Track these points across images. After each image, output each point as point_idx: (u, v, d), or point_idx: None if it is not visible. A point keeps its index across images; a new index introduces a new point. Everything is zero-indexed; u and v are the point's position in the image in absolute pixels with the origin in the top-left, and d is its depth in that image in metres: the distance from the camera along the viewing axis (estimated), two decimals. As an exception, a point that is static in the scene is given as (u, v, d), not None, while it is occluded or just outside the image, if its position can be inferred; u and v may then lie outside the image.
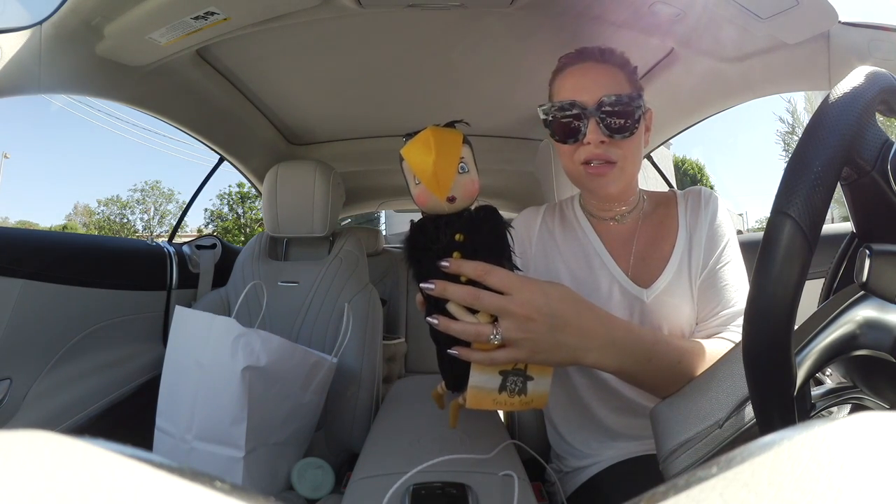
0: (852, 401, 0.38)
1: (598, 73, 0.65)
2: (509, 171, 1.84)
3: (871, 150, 0.30)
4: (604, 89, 0.63)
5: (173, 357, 0.88)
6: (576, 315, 0.50)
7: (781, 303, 0.27)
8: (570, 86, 0.67)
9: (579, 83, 0.66)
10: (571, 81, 0.67)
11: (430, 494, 0.48)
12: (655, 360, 0.53)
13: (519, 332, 0.47)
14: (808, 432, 0.12)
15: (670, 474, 0.41)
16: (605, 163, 0.65)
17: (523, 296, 0.46)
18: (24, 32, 0.76)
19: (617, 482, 0.67)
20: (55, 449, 0.12)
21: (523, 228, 0.79)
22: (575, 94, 0.65)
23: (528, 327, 0.47)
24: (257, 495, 0.12)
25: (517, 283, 0.47)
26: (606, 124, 0.63)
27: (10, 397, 0.83)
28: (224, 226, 21.29)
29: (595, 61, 0.66)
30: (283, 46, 1.04)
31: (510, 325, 0.46)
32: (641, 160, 0.71)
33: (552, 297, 0.48)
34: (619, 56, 0.67)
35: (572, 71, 0.68)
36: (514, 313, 0.46)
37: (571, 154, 0.67)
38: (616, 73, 0.66)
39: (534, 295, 0.47)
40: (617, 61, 0.67)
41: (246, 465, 0.80)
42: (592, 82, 0.65)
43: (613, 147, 0.64)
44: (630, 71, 0.67)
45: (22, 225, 21.92)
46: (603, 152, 0.64)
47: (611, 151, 0.64)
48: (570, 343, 0.49)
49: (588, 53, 0.67)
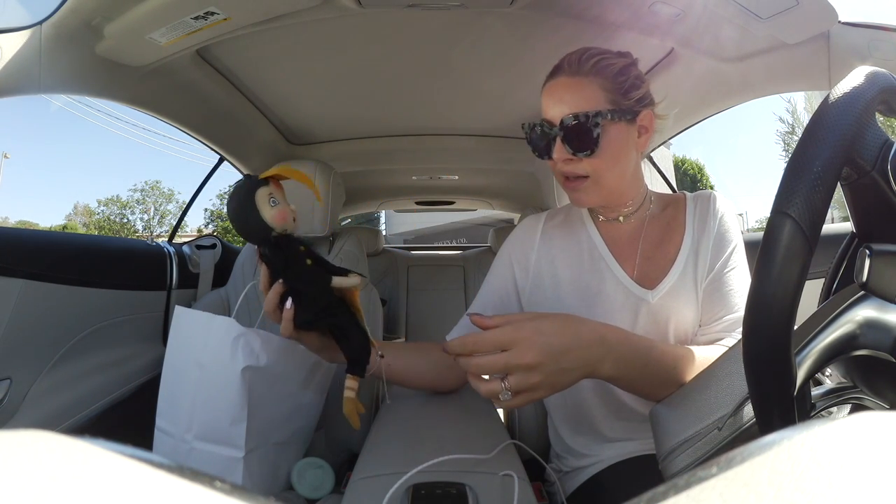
0: (852, 401, 0.38)
1: (566, 89, 0.65)
2: (509, 171, 1.84)
3: (871, 150, 0.30)
4: (568, 107, 0.63)
5: (173, 357, 0.88)
6: (575, 339, 0.51)
7: (781, 303, 0.27)
8: (546, 103, 0.67)
9: (551, 101, 0.66)
10: (546, 99, 0.67)
11: (430, 494, 0.48)
12: (651, 367, 0.54)
13: (528, 380, 0.48)
14: (808, 432, 0.12)
15: (670, 473, 0.41)
16: (578, 177, 0.66)
17: (521, 347, 0.48)
18: (24, 32, 0.76)
19: (617, 482, 0.67)
20: (55, 449, 0.12)
21: (525, 235, 0.79)
22: (548, 112, 0.66)
23: (535, 373, 0.48)
24: (257, 495, 0.12)
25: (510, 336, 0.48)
26: (569, 143, 0.63)
27: (10, 397, 0.83)
28: (224, 226, 21.26)
29: (567, 75, 0.65)
30: (283, 46, 1.04)
31: (519, 378, 0.48)
32: (626, 167, 0.68)
33: (548, 333, 0.49)
34: (593, 63, 0.64)
35: (548, 87, 0.67)
36: (518, 366, 0.48)
37: (553, 167, 0.69)
38: (585, 86, 0.64)
39: (531, 340, 0.48)
40: (588, 70, 0.64)
41: (246, 465, 0.80)
42: (558, 100, 0.65)
43: (580, 163, 0.65)
44: (610, 76, 0.64)
45: (22, 225, 21.91)
46: (571, 168, 0.65)
47: (579, 167, 0.65)
48: (576, 366, 0.51)
49: (561, 67, 0.66)
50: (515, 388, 0.48)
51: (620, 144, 0.65)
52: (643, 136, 0.67)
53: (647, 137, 0.68)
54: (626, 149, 0.66)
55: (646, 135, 0.68)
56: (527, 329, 0.49)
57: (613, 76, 0.64)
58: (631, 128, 0.65)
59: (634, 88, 0.65)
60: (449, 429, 0.67)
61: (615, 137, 0.64)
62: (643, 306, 0.67)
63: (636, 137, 0.67)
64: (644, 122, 0.67)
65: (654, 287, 0.68)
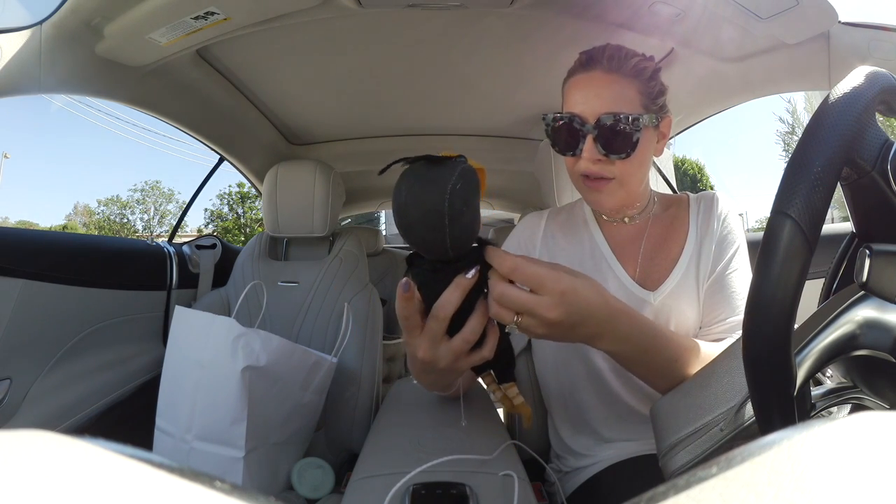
0: (852, 401, 0.38)
1: (603, 86, 0.62)
2: (509, 171, 1.84)
3: (871, 150, 0.30)
4: (606, 105, 0.61)
5: (173, 357, 0.88)
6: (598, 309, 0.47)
7: (781, 303, 0.27)
8: (575, 96, 0.64)
9: (583, 94, 0.63)
10: (577, 91, 0.64)
11: (430, 494, 0.48)
12: (652, 353, 0.53)
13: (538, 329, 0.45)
14: (808, 432, 0.12)
15: (670, 470, 0.41)
16: (601, 178, 0.64)
17: (552, 300, 0.44)
18: (24, 32, 0.76)
19: (616, 482, 0.67)
20: (55, 449, 0.12)
21: (526, 234, 0.79)
22: (578, 105, 0.63)
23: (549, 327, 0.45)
24: (257, 495, 0.12)
25: (548, 284, 0.44)
26: (603, 143, 0.61)
27: (10, 397, 0.83)
28: (224, 226, 21.31)
29: (603, 70, 0.62)
30: (283, 46, 1.04)
31: (532, 324, 0.44)
32: (647, 172, 0.68)
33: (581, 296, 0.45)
34: (633, 64, 0.62)
35: (579, 80, 0.64)
36: (539, 316, 0.44)
37: (572, 164, 0.66)
38: (625, 86, 0.61)
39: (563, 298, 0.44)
40: (628, 71, 0.62)
41: (246, 465, 0.80)
42: (595, 96, 0.62)
43: (610, 165, 0.63)
44: (645, 80, 0.62)
45: (22, 225, 21.92)
46: (599, 169, 0.63)
47: (607, 169, 0.63)
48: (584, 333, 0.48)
49: (597, 60, 0.63)
50: (523, 328, 0.45)
51: (648, 149, 0.64)
52: (661, 141, 0.68)
53: (663, 143, 0.68)
54: (650, 154, 0.66)
55: (663, 140, 0.68)
56: (565, 283, 0.44)
57: (647, 80, 0.62)
58: (656, 133, 0.65)
59: (661, 94, 0.64)
60: (449, 429, 0.67)
61: (646, 142, 0.63)
62: (645, 307, 0.67)
63: (656, 143, 0.67)
64: (664, 128, 0.66)
65: (657, 288, 0.68)
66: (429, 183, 0.37)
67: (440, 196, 0.36)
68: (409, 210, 0.38)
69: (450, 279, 0.41)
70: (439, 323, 0.42)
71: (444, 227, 0.37)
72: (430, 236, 0.38)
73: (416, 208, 0.37)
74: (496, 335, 0.45)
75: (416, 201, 0.37)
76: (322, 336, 1.11)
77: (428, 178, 0.37)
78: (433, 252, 0.40)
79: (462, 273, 0.41)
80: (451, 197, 0.36)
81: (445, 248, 0.38)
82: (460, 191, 0.37)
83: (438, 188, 0.36)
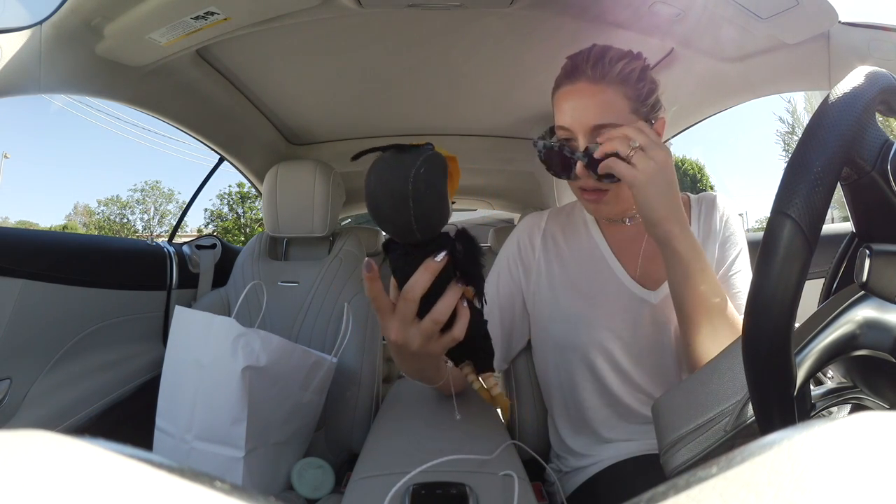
0: (852, 401, 0.38)
1: (589, 96, 0.61)
2: (509, 171, 1.84)
3: (871, 150, 0.30)
4: (593, 117, 0.60)
5: (173, 357, 0.88)
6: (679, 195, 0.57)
7: (781, 303, 0.27)
8: (563, 107, 0.63)
9: (571, 107, 0.62)
10: (564, 103, 0.63)
11: (430, 494, 0.48)
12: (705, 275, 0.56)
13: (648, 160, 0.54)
14: (808, 432, 0.12)
15: (671, 467, 0.41)
16: (599, 190, 0.64)
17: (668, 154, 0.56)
18: (24, 32, 0.76)
19: (616, 482, 0.67)
20: (55, 449, 0.12)
21: (526, 234, 0.79)
22: (566, 117, 0.62)
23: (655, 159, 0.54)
24: (257, 495, 0.12)
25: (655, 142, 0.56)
26: (594, 169, 0.59)
27: (10, 397, 0.83)
28: (224, 226, 21.31)
29: (588, 81, 0.61)
30: (283, 46, 1.04)
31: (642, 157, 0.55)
32: None
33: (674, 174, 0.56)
34: (619, 70, 0.60)
35: (566, 92, 0.63)
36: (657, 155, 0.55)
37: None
38: (611, 95, 0.60)
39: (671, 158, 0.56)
40: (614, 77, 0.60)
41: (246, 465, 0.80)
42: (582, 108, 0.61)
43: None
44: (632, 84, 0.61)
45: (22, 225, 21.93)
46: (595, 183, 0.63)
47: (602, 184, 0.63)
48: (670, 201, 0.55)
49: (581, 70, 0.62)
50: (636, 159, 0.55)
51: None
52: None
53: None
54: None
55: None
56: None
57: (635, 83, 0.61)
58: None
59: (651, 94, 0.63)
60: (449, 429, 0.67)
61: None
62: (645, 307, 0.67)
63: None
64: (658, 128, 0.65)
65: (657, 287, 0.68)
66: (395, 168, 0.40)
67: (404, 178, 0.39)
68: (377, 193, 0.41)
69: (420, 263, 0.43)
70: (409, 304, 0.44)
71: (408, 208, 0.39)
72: (397, 217, 0.40)
73: (382, 190, 0.40)
74: (467, 316, 0.47)
75: (382, 185, 0.41)
76: (322, 336, 1.11)
77: (394, 163, 0.40)
78: (402, 234, 0.43)
79: (431, 256, 0.43)
80: (415, 180, 0.39)
81: (412, 230, 0.41)
82: (424, 174, 0.40)
83: (403, 172, 0.39)
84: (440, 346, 0.47)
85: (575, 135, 0.62)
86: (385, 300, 0.46)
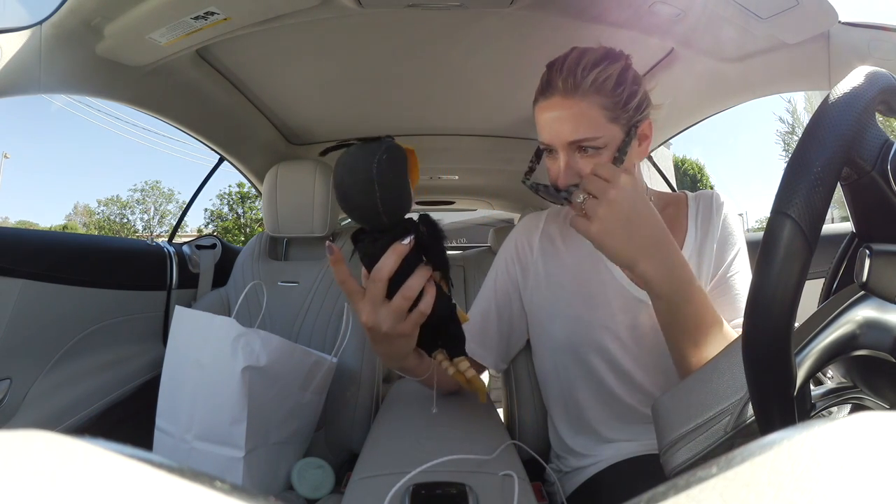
0: (852, 401, 0.38)
1: (563, 110, 0.60)
2: (509, 171, 1.84)
3: (871, 150, 0.30)
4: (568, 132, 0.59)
5: (173, 357, 0.88)
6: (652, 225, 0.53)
7: (781, 303, 0.27)
8: (541, 122, 0.63)
9: (547, 122, 0.62)
10: (541, 117, 0.63)
11: (430, 494, 0.48)
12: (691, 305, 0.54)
13: (600, 207, 0.52)
14: (808, 432, 0.12)
15: (671, 466, 0.41)
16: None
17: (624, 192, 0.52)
18: (24, 32, 0.76)
19: (616, 482, 0.67)
20: (55, 449, 0.12)
21: (525, 234, 0.78)
22: (545, 133, 0.62)
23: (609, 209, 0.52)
24: (257, 495, 0.12)
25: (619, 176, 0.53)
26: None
27: (10, 397, 0.83)
28: (224, 226, 21.32)
29: (560, 95, 0.60)
30: (283, 46, 1.03)
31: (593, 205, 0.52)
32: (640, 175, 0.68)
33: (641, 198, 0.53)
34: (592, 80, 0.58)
35: (542, 106, 0.62)
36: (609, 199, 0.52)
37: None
38: (584, 108, 0.59)
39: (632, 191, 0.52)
40: (587, 89, 0.58)
41: (246, 465, 0.80)
42: (558, 122, 0.60)
43: None
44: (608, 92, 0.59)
45: (22, 225, 21.93)
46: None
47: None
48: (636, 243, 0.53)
49: (553, 85, 0.60)
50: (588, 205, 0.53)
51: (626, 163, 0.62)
52: (643, 143, 0.65)
53: (647, 144, 0.66)
54: (630, 164, 0.63)
55: (646, 142, 0.65)
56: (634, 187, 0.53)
57: (611, 90, 0.59)
58: (632, 142, 0.62)
59: (633, 97, 0.60)
60: (449, 429, 0.67)
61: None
62: (644, 307, 0.67)
63: (637, 147, 0.64)
64: (644, 130, 0.64)
65: None
66: (359, 157, 0.44)
67: (369, 164, 0.43)
68: (345, 181, 0.44)
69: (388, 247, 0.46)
70: (377, 284, 0.46)
71: (374, 191, 0.43)
72: (364, 200, 0.43)
73: (350, 178, 0.44)
74: (433, 292, 0.49)
75: (349, 172, 0.44)
76: (322, 336, 1.11)
77: (359, 153, 0.44)
78: (369, 219, 0.46)
79: (398, 240, 0.45)
80: (379, 164, 0.43)
81: (378, 212, 0.44)
82: (386, 161, 0.43)
83: (368, 158, 0.43)
84: (410, 323, 0.48)
85: (556, 150, 0.62)
86: (353, 283, 0.48)
